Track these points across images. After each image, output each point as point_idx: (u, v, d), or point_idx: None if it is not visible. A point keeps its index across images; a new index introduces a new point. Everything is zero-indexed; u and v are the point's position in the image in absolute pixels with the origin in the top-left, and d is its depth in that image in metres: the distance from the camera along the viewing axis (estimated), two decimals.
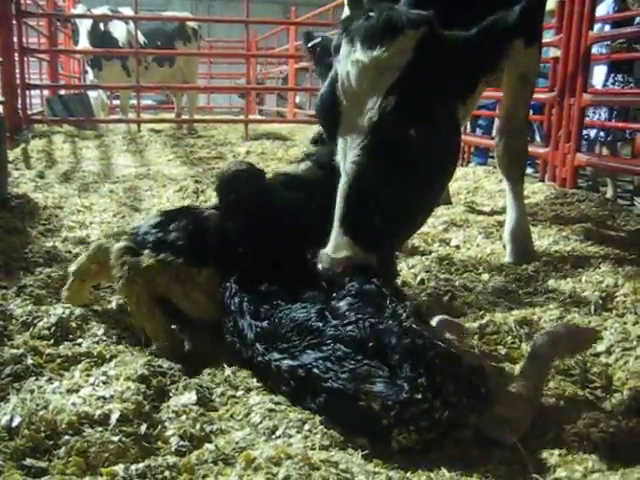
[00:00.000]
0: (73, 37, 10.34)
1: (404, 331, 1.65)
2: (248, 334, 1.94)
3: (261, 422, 1.68)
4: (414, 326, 1.68)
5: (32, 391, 1.76)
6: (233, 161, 2.79)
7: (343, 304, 1.78)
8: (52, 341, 2.15)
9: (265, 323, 1.91)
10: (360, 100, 1.91)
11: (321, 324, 1.76)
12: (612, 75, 6.60)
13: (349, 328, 1.70)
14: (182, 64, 11.00)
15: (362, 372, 1.61)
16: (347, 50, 1.95)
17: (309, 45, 2.34)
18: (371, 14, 1.93)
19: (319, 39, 2.32)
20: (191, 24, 11.32)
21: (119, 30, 10.27)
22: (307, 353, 1.73)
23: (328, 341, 1.71)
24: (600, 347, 2.28)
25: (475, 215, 4.33)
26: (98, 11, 10.28)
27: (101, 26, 10.12)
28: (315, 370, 1.69)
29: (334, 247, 1.90)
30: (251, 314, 1.97)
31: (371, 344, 1.65)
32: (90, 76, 10.52)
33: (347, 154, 1.95)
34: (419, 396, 1.54)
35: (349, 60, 1.93)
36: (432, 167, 2.03)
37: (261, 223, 2.24)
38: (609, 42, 6.35)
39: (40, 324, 2.22)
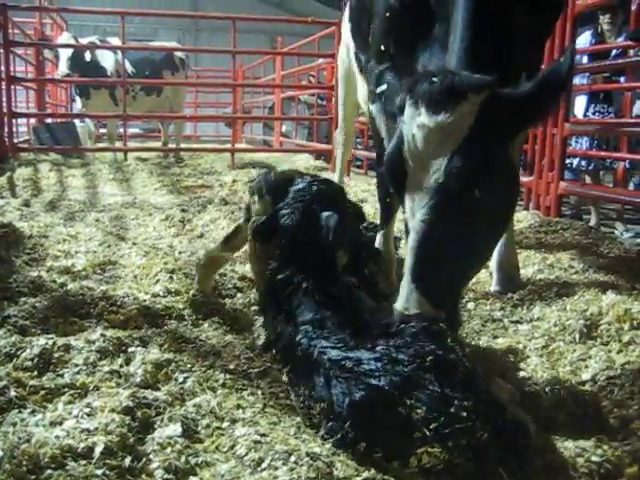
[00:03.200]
0: (56, 63, 10.38)
1: (463, 365, 1.71)
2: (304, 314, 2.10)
3: (247, 454, 1.66)
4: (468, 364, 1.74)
5: (14, 424, 1.73)
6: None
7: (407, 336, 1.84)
8: (35, 372, 2.12)
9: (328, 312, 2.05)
10: (425, 162, 1.98)
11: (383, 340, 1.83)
12: (592, 105, 6.71)
13: (411, 347, 1.76)
14: (170, 93, 11.06)
15: (412, 379, 1.64)
16: (412, 113, 2.01)
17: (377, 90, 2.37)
18: (434, 79, 1.99)
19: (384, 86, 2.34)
20: (179, 54, 11.40)
21: (107, 59, 10.31)
22: (360, 350, 1.79)
23: (384, 347, 1.77)
24: (585, 375, 2.29)
25: None
26: (85, 40, 10.34)
27: (86, 55, 10.14)
28: (365, 366, 1.72)
29: (405, 302, 1.95)
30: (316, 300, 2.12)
31: (429, 361, 1.69)
32: (78, 105, 10.53)
33: (415, 213, 2.01)
34: (464, 414, 1.56)
35: (414, 123, 1.99)
36: (497, 217, 2.09)
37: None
38: (589, 74, 6.47)
39: (23, 355, 2.19)
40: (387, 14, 2.77)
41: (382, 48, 2.85)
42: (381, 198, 3.47)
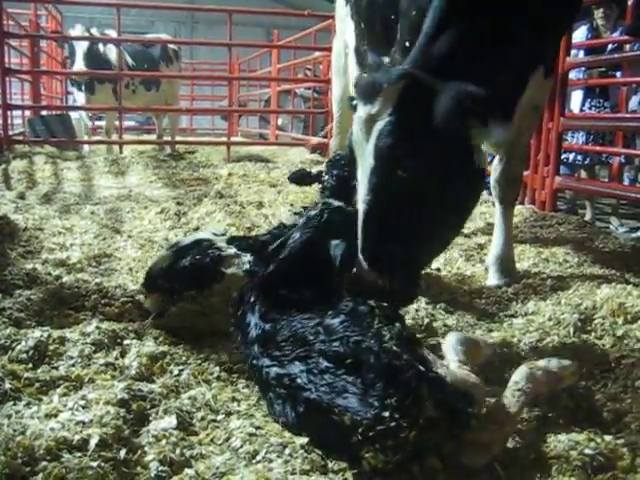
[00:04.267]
0: (70, 58, 10.17)
1: (383, 351, 1.68)
2: (251, 332, 2.01)
3: (241, 446, 1.67)
4: (395, 348, 1.70)
5: (9, 416, 1.74)
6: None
7: (335, 321, 1.84)
8: (30, 365, 2.12)
9: (268, 326, 1.98)
10: (362, 148, 2.23)
11: (312, 338, 1.82)
12: (588, 100, 6.72)
13: (334, 344, 1.75)
14: (165, 87, 11.02)
15: (338, 386, 1.64)
16: (354, 109, 2.29)
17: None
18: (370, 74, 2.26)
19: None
20: (172, 46, 11.36)
21: (112, 52, 10.08)
22: (294, 364, 1.78)
23: (314, 354, 1.76)
24: (579, 369, 2.30)
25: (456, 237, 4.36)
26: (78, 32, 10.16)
27: (100, 48, 10.01)
28: (298, 380, 1.73)
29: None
30: (260, 314, 2.05)
31: (349, 361, 1.68)
32: (80, 99, 10.37)
33: (360, 195, 2.25)
34: (386, 414, 1.54)
35: (354, 117, 2.27)
36: (441, 200, 2.19)
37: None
38: (585, 68, 6.48)
39: (18, 347, 2.19)
40: (414, 12, 2.83)
41: (407, 45, 2.89)
42: None
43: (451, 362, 1.85)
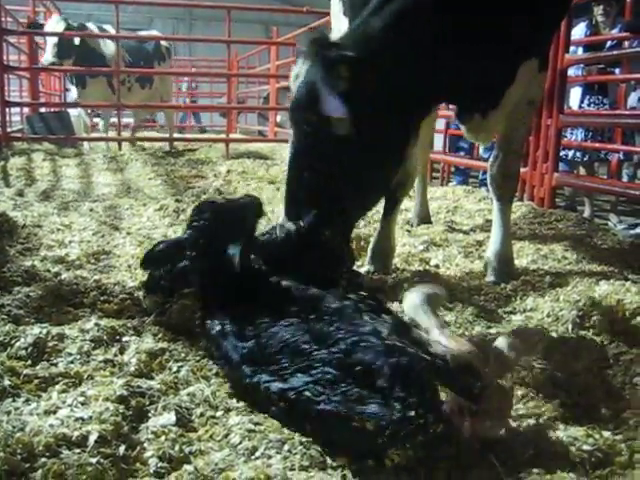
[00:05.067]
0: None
1: (388, 349, 1.68)
2: (234, 356, 1.97)
3: (240, 443, 1.67)
4: (397, 343, 1.70)
5: (8, 413, 1.74)
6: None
7: (324, 324, 1.83)
8: (29, 361, 2.12)
9: (250, 343, 1.94)
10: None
11: (308, 346, 1.80)
12: (587, 97, 6.72)
13: (334, 350, 1.74)
14: (158, 84, 11.01)
15: (352, 393, 1.63)
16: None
17: None
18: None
19: None
20: (164, 43, 11.34)
21: (109, 47, 9.98)
22: (297, 377, 1.76)
23: (317, 364, 1.74)
24: (578, 366, 2.31)
25: (455, 234, 4.37)
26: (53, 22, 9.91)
27: (75, 40, 9.70)
28: (307, 393, 1.71)
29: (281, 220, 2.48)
30: (234, 334, 2.01)
31: (358, 368, 1.67)
32: (73, 94, 10.34)
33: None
34: (412, 413, 1.55)
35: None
36: (356, 156, 2.38)
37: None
38: (584, 65, 6.48)
39: (17, 344, 2.19)
40: None
41: None
42: None
43: (436, 332, 1.84)
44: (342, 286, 2.23)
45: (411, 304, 1.98)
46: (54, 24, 9.54)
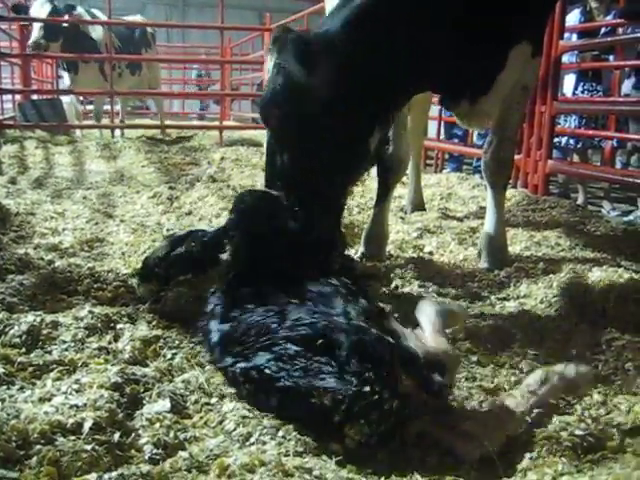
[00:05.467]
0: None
1: (352, 328, 1.71)
2: (213, 337, 2.00)
3: (235, 429, 1.68)
4: (362, 323, 1.74)
5: (3, 400, 1.74)
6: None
7: (297, 306, 1.87)
8: (23, 349, 2.12)
9: (228, 326, 1.97)
10: None
11: (275, 326, 1.82)
12: (581, 83, 6.72)
13: (300, 328, 1.76)
14: (146, 70, 10.94)
15: (312, 369, 1.65)
16: None
17: None
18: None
19: None
20: (149, 29, 11.25)
21: (97, 32, 9.90)
22: (259, 355, 1.78)
23: (280, 341, 1.76)
24: (570, 352, 2.32)
25: (448, 221, 4.38)
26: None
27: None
28: (267, 371, 1.73)
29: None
30: (221, 317, 2.03)
31: (319, 342, 1.70)
32: (66, 81, 10.26)
33: None
34: (367, 389, 1.57)
35: None
36: (326, 141, 2.45)
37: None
38: (578, 52, 6.47)
39: (11, 332, 2.18)
40: None
41: None
42: (378, 174, 3.48)
43: (426, 331, 1.86)
44: (334, 270, 2.24)
45: (424, 309, 2.00)
46: (39, 7, 9.31)
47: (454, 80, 2.83)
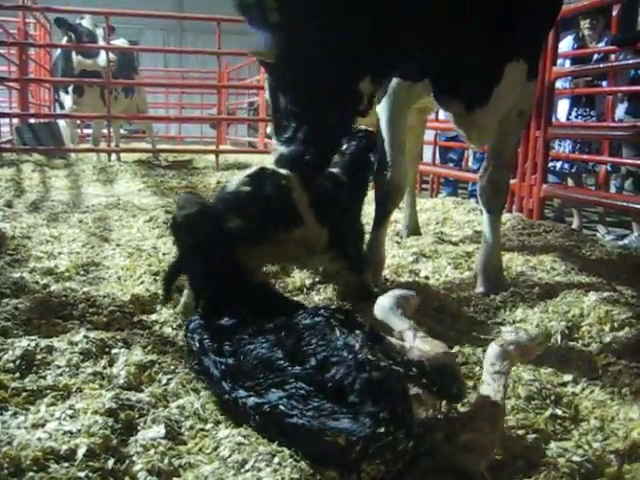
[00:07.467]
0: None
1: (360, 364, 1.66)
2: (214, 372, 1.97)
3: (230, 456, 1.66)
4: (370, 356, 1.69)
5: None
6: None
7: (295, 340, 1.84)
8: (18, 374, 2.11)
9: (230, 360, 1.95)
10: None
11: (282, 362, 1.80)
12: (575, 109, 6.79)
13: (307, 366, 1.73)
14: (136, 94, 11.09)
15: (324, 409, 1.62)
16: None
17: None
18: None
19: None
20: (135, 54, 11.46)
21: (101, 57, 9.84)
22: (271, 392, 1.75)
23: (291, 380, 1.73)
24: (566, 377, 2.32)
25: (444, 246, 4.38)
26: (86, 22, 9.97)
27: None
28: (281, 407, 1.69)
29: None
30: (214, 351, 2.01)
31: (330, 384, 1.67)
32: (68, 103, 10.30)
33: None
34: (382, 430, 1.54)
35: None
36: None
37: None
38: (571, 77, 6.54)
39: (5, 357, 2.17)
40: None
41: None
42: (376, 199, 3.49)
43: (410, 335, 1.84)
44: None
45: (382, 308, 1.99)
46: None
47: (444, 68, 2.90)
